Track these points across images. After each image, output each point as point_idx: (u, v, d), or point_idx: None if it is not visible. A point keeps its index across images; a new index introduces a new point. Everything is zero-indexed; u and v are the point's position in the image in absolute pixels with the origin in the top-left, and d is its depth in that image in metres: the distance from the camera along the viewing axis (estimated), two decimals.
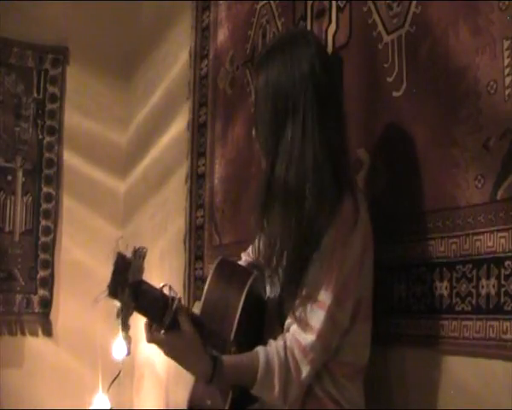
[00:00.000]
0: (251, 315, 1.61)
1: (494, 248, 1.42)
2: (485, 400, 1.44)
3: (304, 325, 1.48)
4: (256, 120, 1.62)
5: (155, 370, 3.21)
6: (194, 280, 2.86)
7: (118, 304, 1.37)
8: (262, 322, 1.67)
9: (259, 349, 1.49)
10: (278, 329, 1.56)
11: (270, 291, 1.66)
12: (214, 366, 1.44)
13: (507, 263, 1.38)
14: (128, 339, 1.43)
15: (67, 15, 3.64)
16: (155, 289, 1.44)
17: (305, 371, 1.47)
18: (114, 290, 1.36)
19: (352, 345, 1.54)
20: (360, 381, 1.59)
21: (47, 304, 3.54)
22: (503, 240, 1.40)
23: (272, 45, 1.67)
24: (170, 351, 1.47)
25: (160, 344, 1.47)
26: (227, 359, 1.47)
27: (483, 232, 1.45)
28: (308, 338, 1.47)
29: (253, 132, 1.66)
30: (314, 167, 1.49)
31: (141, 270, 1.39)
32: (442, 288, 1.55)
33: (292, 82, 1.53)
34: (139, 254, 1.38)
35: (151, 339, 1.46)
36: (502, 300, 1.39)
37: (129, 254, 1.39)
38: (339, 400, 1.53)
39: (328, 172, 1.50)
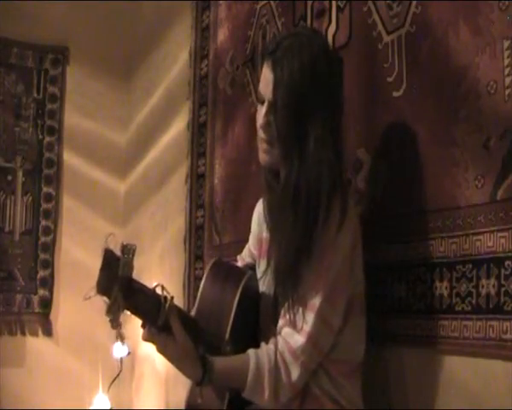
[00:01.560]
0: (246, 314, 1.61)
1: (494, 248, 1.42)
2: (485, 400, 1.44)
3: (294, 327, 1.48)
4: (274, 115, 1.54)
5: (155, 369, 3.21)
6: (194, 280, 2.86)
7: (107, 301, 1.35)
8: (257, 321, 1.67)
9: (250, 352, 1.49)
10: (272, 328, 1.56)
11: (264, 292, 1.66)
12: (204, 369, 1.44)
13: (507, 263, 1.38)
14: (121, 336, 1.42)
15: (67, 15, 3.64)
16: (147, 288, 1.42)
17: (296, 373, 1.47)
18: (103, 287, 1.34)
19: (347, 343, 1.54)
20: (357, 379, 1.59)
21: (47, 304, 3.54)
22: (503, 240, 1.40)
23: (286, 41, 1.57)
24: (163, 351, 1.47)
25: (155, 343, 1.47)
26: (218, 362, 1.47)
27: (483, 232, 1.45)
28: (299, 341, 1.47)
29: (262, 122, 1.58)
30: (328, 171, 1.49)
31: (130, 266, 1.36)
32: (442, 288, 1.55)
33: (312, 81, 1.51)
34: (127, 250, 1.36)
35: (146, 337, 1.46)
36: (502, 300, 1.39)
37: (118, 251, 1.37)
38: (337, 398, 1.53)
39: (337, 173, 1.50)
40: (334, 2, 1.98)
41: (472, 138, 1.48)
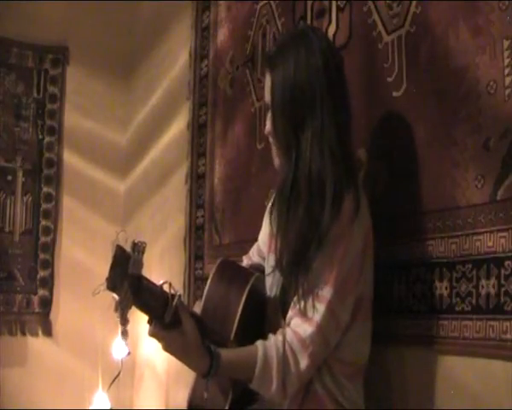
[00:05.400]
0: (252, 315, 1.61)
1: (494, 248, 1.42)
2: (485, 400, 1.44)
3: (304, 317, 1.48)
4: (273, 117, 1.59)
5: (155, 369, 3.21)
6: (194, 280, 2.86)
7: (116, 297, 1.36)
8: (263, 322, 1.67)
9: (258, 344, 1.49)
10: (280, 322, 1.56)
11: (272, 288, 1.66)
12: (212, 360, 1.44)
13: (507, 263, 1.38)
14: (125, 334, 1.42)
15: (67, 15, 3.65)
16: (155, 285, 1.43)
17: (304, 363, 1.47)
18: (113, 283, 1.34)
19: (352, 343, 1.55)
20: (360, 380, 1.59)
21: (47, 304, 3.54)
22: (503, 240, 1.40)
23: (283, 41, 1.65)
24: (169, 346, 1.47)
25: (161, 339, 1.47)
26: (225, 353, 1.46)
27: (483, 232, 1.45)
28: (308, 330, 1.47)
29: (267, 128, 1.62)
30: (332, 162, 1.50)
31: (140, 264, 1.37)
32: (442, 288, 1.55)
33: (308, 76, 1.53)
34: (138, 247, 1.38)
35: (152, 333, 1.46)
36: (502, 300, 1.39)
37: (128, 248, 1.38)
38: (338, 399, 1.53)
39: (342, 166, 1.51)
40: (334, 2, 1.98)
41: (472, 138, 1.48)
